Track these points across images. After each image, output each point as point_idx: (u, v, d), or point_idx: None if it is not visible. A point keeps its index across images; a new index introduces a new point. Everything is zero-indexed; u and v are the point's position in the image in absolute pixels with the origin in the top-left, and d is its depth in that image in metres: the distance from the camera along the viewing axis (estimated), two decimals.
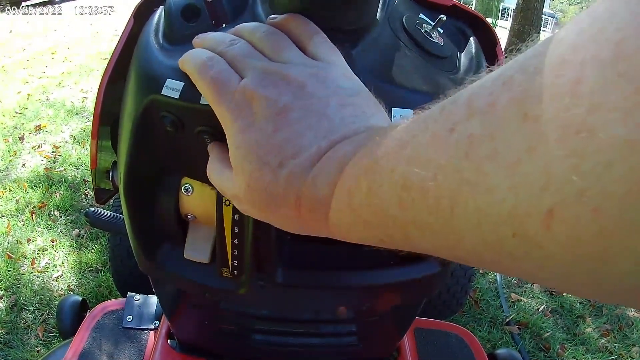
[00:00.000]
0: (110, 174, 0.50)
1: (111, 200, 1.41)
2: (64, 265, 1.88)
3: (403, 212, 0.19)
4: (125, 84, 0.39)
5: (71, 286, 1.78)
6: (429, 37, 0.38)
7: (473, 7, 7.48)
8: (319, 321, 0.56)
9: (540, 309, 1.90)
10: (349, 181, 0.22)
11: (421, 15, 0.40)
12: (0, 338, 1.54)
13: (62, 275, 1.83)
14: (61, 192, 2.31)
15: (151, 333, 0.75)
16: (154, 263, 0.44)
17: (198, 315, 0.57)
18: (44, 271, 1.84)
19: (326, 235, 0.25)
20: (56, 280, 1.80)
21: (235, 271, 0.42)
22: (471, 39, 0.42)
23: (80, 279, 1.81)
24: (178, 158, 0.38)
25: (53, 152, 2.73)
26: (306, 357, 0.62)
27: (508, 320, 1.80)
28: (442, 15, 0.38)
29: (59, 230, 2.06)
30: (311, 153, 0.24)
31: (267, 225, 0.27)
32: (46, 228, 2.07)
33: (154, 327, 0.75)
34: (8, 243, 1.95)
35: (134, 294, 0.81)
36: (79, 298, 0.97)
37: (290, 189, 0.24)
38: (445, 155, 0.17)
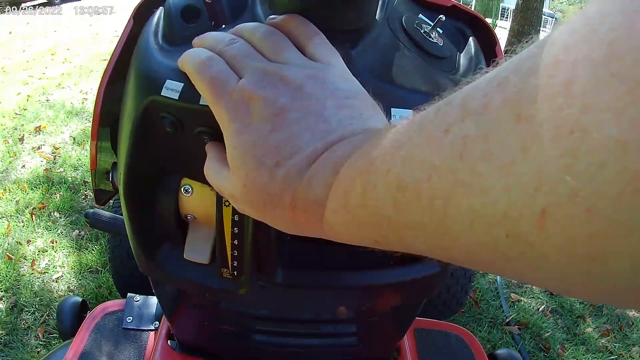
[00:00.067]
0: (110, 175, 0.50)
1: (111, 201, 1.40)
2: (64, 266, 1.87)
3: (398, 213, 0.19)
4: (124, 85, 0.39)
5: (71, 287, 1.78)
6: (428, 38, 0.38)
7: (472, 8, 7.48)
8: (319, 321, 0.56)
9: (540, 309, 1.90)
10: (345, 182, 0.22)
11: (420, 16, 0.40)
12: (1, 339, 1.54)
13: (62, 276, 1.83)
14: (61, 193, 2.31)
15: (151, 334, 0.75)
16: (154, 264, 0.44)
17: (198, 316, 0.57)
18: (44, 272, 1.84)
19: (321, 236, 0.25)
20: (56, 281, 1.80)
21: (235, 271, 0.42)
22: (470, 39, 0.42)
23: (80, 279, 1.81)
24: (178, 159, 0.38)
25: (53, 153, 2.73)
26: (306, 358, 0.61)
27: (508, 320, 1.80)
28: (442, 16, 0.38)
29: (59, 231, 2.06)
30: (307, 154, 0.24)
31: (267, 225, 0.27)
32: (46, 229, 2.07)
33: (154, 328, 0.75)
34: (8, 244, 1.95)
35: (134, 294, 0.81)
36: (79, 299, 0.97)
37: (286, 190, 0.24)
38: (439, 156, 0.17)
